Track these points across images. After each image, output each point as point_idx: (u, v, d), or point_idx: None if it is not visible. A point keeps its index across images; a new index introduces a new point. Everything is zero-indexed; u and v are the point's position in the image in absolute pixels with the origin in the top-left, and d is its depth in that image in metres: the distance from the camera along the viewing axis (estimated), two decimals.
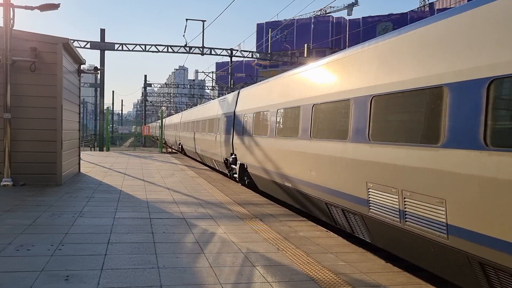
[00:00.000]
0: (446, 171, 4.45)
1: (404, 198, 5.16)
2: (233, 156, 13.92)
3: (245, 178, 12.95)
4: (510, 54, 3.82)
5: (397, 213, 5.31)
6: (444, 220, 4.54)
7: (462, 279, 4.69)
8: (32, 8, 11.60)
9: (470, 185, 4.17)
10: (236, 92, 14.84)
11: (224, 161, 15.41)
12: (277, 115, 9.86)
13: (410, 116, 5.13)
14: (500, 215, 3.86)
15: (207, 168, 18.93)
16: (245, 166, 12.60)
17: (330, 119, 7.24)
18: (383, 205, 5.59)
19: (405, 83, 5.25)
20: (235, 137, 13.62)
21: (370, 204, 5.90)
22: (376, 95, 5.80)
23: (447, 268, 4.86)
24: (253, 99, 12.28)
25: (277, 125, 9.86)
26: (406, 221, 5.16)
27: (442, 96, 4.61)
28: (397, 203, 5.29)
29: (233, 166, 13.89)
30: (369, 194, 5.90)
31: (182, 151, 31.13)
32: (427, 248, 4.99)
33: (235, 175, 13.86)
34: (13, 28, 11.14)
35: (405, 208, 5.17)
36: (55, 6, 11.55)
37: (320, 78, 7.89)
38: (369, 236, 6.46)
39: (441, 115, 4.61)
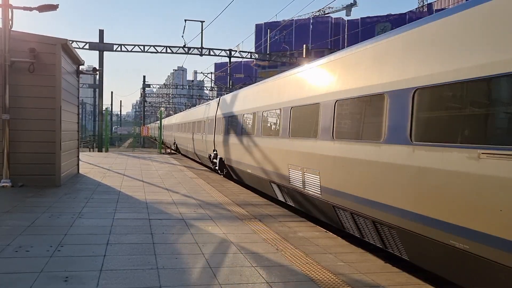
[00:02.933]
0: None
1: (304, 172, 8.17)
2: (214, 152, 16.95)
3: (224, 169, 15.95)
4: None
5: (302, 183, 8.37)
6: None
7: (330, 219, 7.71)
8: (30, 9, 11.59)
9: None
10: (217, 98, 18.35)
11: (209, 156, 18.12)
12: (243, 118, 12.96)
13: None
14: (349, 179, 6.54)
15: (206, 169, 18.93)
16: (223, 160, 15.55)
17: (275, 121, 10.19)
18: (296, 179, 8.64)
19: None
20: (216, 136, 16.69)
21: (290, 179, 8.97)
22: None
23: (323, 213, 7.97)
24: (227, 105, 15.71)
25: (243, 126, 12.81)
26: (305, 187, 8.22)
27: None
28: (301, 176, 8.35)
29: (215, 160, 16.85)
30: (289, 173, 8.91)
31: (177, 149, 33.27)
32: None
33: (216, 168, 16.83)
34: (12, 29, 11.13)
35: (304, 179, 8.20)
36: (53, 7, 11.55)
37: (281, 88, 10.16)
38: (290, 201, 9.72)
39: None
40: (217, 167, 16.68)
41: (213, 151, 17.22)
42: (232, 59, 37.89)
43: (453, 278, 4.77)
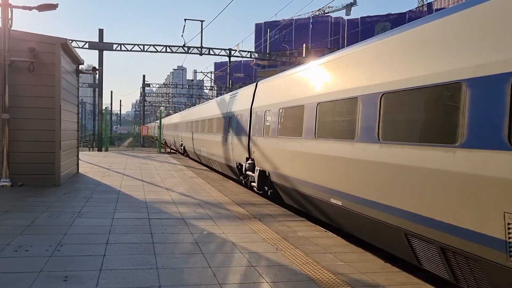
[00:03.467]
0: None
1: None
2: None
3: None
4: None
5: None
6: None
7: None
8: (30, 9, 11.58)
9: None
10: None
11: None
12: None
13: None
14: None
15: (205, 168, 18.92)
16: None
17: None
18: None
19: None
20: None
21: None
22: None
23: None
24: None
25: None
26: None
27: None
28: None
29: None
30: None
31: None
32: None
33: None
34: (11, 29, 11.12)
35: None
36: (53, 7, 11.54)
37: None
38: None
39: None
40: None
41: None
42: (232, 59, 37.89)
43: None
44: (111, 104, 73.79)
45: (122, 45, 31.18)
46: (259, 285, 4.59)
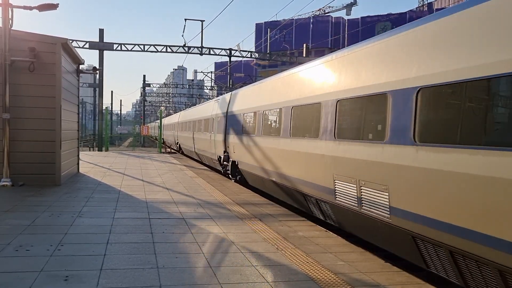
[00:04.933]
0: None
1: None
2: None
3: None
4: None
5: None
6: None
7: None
8: (30, 8, 11.59)
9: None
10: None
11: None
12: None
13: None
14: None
15: (206, 168, 18.93)
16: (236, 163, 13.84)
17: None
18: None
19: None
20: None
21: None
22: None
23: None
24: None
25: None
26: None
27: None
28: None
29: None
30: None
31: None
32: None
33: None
34: (12, 28, 11.13)
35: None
36: (53, 6, 11.54)
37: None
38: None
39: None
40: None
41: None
42: (232, 59, 37.89)
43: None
44: (112, 104, 73.83)
45: (122, 45, 31.19)
46: (259, 285, 4.59)
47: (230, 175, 14.70)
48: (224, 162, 15.05)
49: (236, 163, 13.65)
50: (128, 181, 13.01)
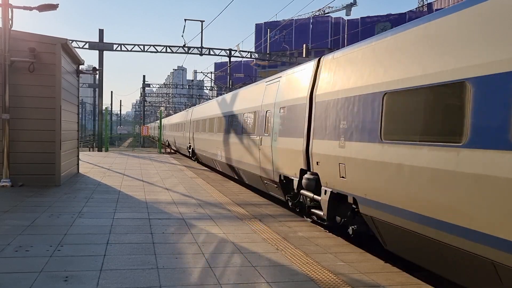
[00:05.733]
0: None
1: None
2: (189, 144, 24.95)
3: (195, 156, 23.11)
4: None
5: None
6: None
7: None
8: (30, 9, 11.59)
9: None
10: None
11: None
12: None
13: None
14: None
15: (206, 168, 18.93)
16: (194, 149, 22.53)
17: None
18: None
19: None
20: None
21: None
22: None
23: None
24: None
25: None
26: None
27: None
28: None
29: (189, 150, 24.98)
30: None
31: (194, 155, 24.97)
32: None
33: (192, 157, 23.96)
34: (12, 29, 11.13)
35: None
36: (53, 7, 11.54)
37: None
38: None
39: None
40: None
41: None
42: (232, 59, 37.89)
43: None
44: (111, 104, 73.83)
45: (122, 45, 31.19)
46: (259, 285, 4.59)
47: (193, 159, 23.47)
48: (189, 150, 25.94)
49: (194, 150, 23.02)
50: (128, 181, 13.01)
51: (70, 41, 12.39)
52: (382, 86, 5.82)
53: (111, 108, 71.66)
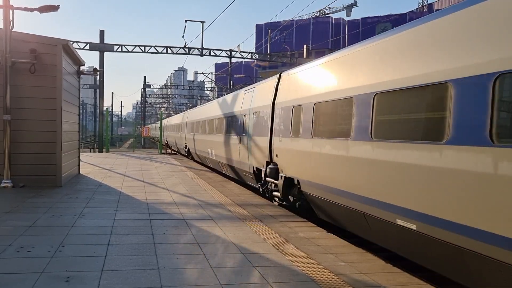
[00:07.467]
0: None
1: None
2: (185, 144, 24.84)
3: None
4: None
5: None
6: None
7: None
8: (31, 10, 11.60)
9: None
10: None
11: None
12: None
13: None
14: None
15: (206, 169, 18.94)
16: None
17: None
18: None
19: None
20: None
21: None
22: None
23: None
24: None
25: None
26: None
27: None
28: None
29: (185, 150, 25.66)
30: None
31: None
32: None
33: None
34: (13, 30, 11.15)
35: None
36: (54, 8, 11.56)
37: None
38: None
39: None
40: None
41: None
42: (233, 60, 37.90)
43: None
44: (112, 105, 73.89)
45: (123, 46, 31.21)
46: (260, 286, 4.59)
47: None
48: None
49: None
50: (128, 182, 13.02)
51: (71, 42, 12.41)
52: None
53: (112, 109, 71.71)
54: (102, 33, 30.49)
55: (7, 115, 10.99)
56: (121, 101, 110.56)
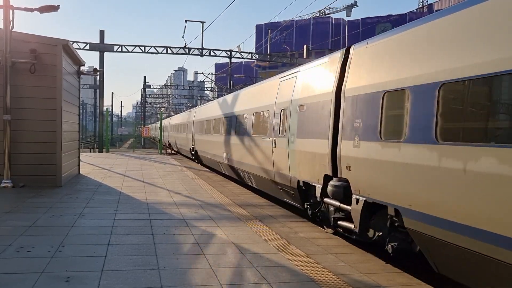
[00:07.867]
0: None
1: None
2: (192, 146, 24.53)
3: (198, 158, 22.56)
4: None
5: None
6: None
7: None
8: (32, 10, 11.60)
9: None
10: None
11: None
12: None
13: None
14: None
15: (206, 169, 18.93)
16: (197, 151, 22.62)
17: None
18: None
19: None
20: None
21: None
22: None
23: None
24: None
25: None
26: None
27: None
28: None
29: (192, 152, 24.68)
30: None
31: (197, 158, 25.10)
32: None
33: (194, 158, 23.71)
34: (13, 30, 11.15)
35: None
36: (54, 8, 11.56)
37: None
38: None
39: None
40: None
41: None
42: (233, 60, 37.89)
43: None
44: (112, 105, 73.88)
45: (123, 46, 31.21)
46: (260, 286, 4.59)
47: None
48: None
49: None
50: (129, 182, 13.02)
51: (71, 42, 12.41)
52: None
53: (112, 109, 71.67)
54: (102, 33, 30.49)
55: (7, 115, 10.99)
56: (121, 101, 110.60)
